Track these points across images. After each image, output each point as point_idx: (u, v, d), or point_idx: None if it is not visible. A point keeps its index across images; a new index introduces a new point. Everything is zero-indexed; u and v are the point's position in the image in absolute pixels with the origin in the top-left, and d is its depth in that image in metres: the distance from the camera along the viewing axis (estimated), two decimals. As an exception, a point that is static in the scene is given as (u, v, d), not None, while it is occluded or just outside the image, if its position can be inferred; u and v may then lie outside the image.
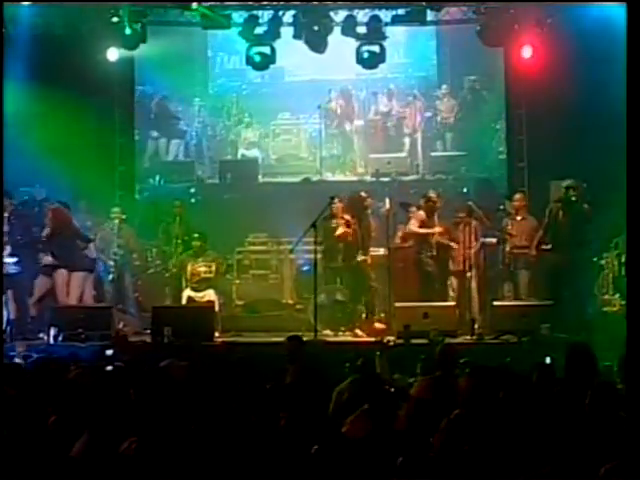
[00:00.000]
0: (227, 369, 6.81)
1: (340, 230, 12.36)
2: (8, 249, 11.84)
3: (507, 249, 12.77)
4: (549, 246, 12.47)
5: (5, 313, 11.70)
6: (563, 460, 4.57)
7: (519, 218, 12.77)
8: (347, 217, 12.45)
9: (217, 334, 11.91)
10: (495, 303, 12.08)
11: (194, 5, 13.81)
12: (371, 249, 12.69)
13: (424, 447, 4.80)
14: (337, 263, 12.57)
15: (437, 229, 12.51)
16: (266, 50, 13.95)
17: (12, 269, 11.85)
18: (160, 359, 7.66)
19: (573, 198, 12.07)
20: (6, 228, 11.89)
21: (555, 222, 12.30)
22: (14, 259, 11.86)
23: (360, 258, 12.35)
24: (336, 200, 12.47)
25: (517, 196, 13.06)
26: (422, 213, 12.60)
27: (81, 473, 4.31)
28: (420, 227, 12.54)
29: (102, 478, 4.44)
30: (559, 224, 12.24)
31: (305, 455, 4.37)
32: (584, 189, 12.97)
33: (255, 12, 13.94)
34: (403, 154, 16.11)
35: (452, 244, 12.55)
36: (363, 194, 12.74)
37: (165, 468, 4.54)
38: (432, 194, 12.64)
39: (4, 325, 11.56)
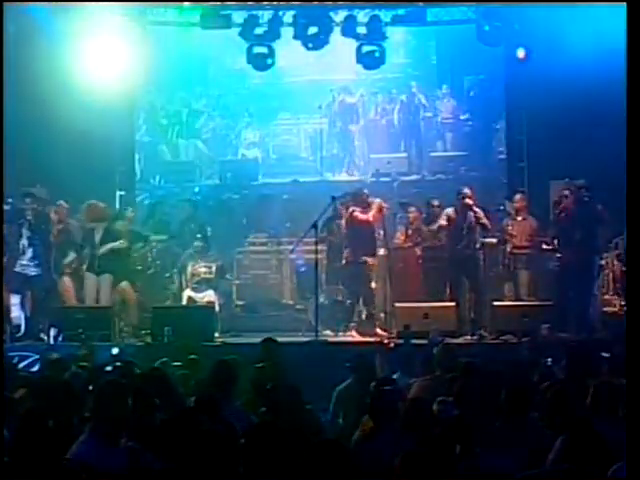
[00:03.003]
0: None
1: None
2: (29, 253, 11.85)
3: (507, 249, 12.76)
4: (550, 246, 12.44)
5: (22, 313, 11.74)
6: (564, 460, 4.57)
7: (519, 218, 12.74)
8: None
9: (217, 334, 11.90)
10: (495, 303, 12.07)
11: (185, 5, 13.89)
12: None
13: (423, 446, 4.80)
14: (341, 263, 12.58)
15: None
16: (267, 51, 13.95)
17: (32, 271, 11.87)
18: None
19: (586, 198, 12.01)
20: (27, 232, 11.90)
21: (565, 222, 12.20)
22: (35, 261, 11.87)
23: (363, 259, 12.33)
24: (337, 203, 12.51)
25: (517, 196, 13.02)
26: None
27: (80, 473, 4.31)
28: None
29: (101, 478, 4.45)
30: (570, 224, 12.14)
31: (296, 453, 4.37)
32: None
33: (255, 12, 13.95)
34: (403, 154, 16.12)
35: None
36: (366, 191, 12.71)
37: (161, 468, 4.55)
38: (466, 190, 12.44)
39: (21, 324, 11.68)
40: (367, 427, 5.72)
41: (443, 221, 12.24)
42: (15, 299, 11.82)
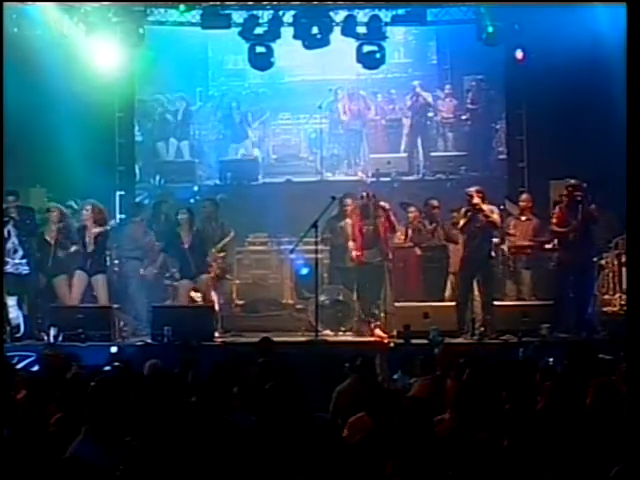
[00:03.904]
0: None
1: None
2: (20, 251, 11.81)
3: (508, 249, 12.75)
4: (550, 245, 12.41)
5: (20, 313, 11.74)
6: (565, 460, 4.57)
7: (524, 218, 12.70)
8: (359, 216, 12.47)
9: (217, 334, 11.91)
10: (496, 303, 12.04)
11: (181, 7, 13.91)
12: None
13: (423, 447, 4.80)
14: (344, 263, 12.58)
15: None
16: (267, 50, 13.95)
17: (24, 270, 11.83)
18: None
19: (578, 198, 11.98)
20: (14, 230, 11.84)
21: (560, 222, 12.17)
22: (25, 260, 11.82)
23: (365, 260, 12.33)
24: (349, 200, 12.51)
25: (524, 197, 12.95)
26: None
27: (78, 472, 4.31)
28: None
29: (103, 477, 4.44)
30: (564, 224, 12.11)
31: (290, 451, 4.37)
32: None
33: (255, 12, 13.95)
34: (403, 154, 16.12)
35: (452, 244, 12.57)
36: (370, 193, 12.67)
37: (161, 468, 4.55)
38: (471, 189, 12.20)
39: (20, 324, 11.66)
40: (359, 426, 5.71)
41: (462, 221, 12.15)
42: (11, 300, 11.79)
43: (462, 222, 12.05)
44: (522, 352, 9.81)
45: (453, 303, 12.04)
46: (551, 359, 8.44)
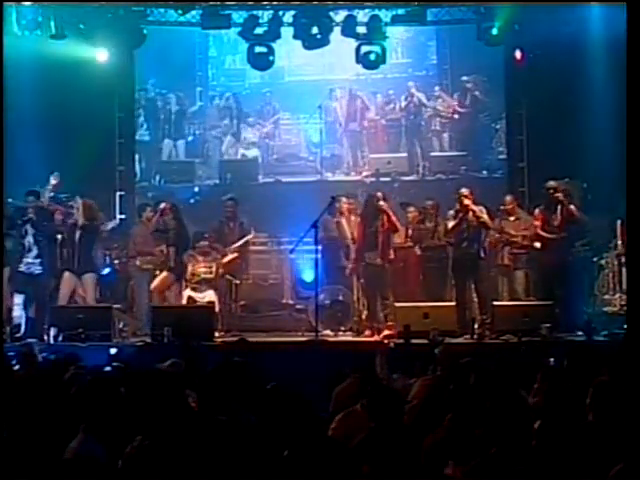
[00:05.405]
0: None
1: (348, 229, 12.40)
2: (34, 250, 11.80)
3: (507, 249, 12.74)
4: (538, 245, 12.38)
5: (23, 313, 11.73)
6: (565, 460, 4.57)
7: (512, 219, 12.72)
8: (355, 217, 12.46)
9: (217, 334, 11.90)
10: (496, 303, 12.04)
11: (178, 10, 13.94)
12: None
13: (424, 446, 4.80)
14: (339, 262, 12.57)
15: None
16: (267, 50, 13.97)
17: (37, 270, 11.82)
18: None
19: (559, 199, 11.95)
20: (31, 230, 11.84)
21: (542, 222, 12.17)
22: (38, 259, 11.80)
23: (370, 259, 12.32)
24: (344, 199, 12.50)
25: (507, 198, 12.90)
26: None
27: (75, 474, 4.31)
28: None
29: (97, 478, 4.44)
30: (547, 225, 12.11)
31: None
32: (583, 188, 12.98)
33: (255, 12, 13.96)
34: (403, 154, 16.12)
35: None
36: (379, 194, 12.57)
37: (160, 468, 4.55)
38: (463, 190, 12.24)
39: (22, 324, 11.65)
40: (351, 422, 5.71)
41: (451, 222, 12.16)
42: (18, 299, 11.80)
43: (452, 224, 12.06)
44: (523, 349, 9.83)
45: (453, 303, 12.02)
46: (552, 359, 8.44)
